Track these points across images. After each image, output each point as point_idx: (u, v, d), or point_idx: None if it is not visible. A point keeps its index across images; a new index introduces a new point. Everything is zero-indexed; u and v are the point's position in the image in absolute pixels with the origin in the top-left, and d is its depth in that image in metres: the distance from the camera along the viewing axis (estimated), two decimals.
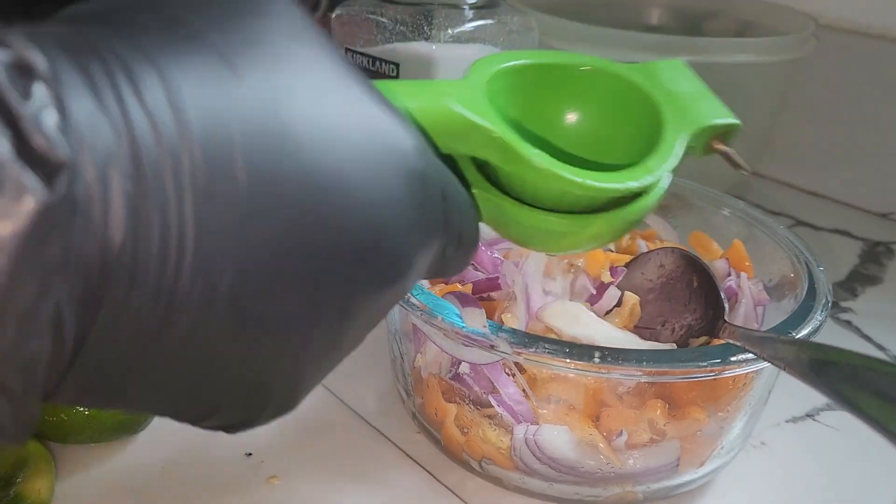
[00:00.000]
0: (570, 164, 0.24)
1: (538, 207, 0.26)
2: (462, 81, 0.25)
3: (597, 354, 0.29)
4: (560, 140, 0.28)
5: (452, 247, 0.22)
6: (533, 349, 0.30)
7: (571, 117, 0.29)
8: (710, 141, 0.29)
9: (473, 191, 0.26)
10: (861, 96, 0.66)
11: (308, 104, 0.17)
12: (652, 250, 0.40)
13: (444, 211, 0.21)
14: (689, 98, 0.28)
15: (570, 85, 0.28)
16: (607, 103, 0.28)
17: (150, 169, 0.15)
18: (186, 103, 0.15)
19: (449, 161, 0.24)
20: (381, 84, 0.22)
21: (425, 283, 0.39)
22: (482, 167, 0.26)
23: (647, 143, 0.27)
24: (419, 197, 0.19)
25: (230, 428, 0.20)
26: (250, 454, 0.35)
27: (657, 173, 0.26)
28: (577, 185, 0.24)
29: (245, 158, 0.16)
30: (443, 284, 0.38)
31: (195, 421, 0.19)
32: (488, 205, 0.26)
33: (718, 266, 0.41)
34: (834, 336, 0.49)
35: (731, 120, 0.28)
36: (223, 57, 0.16)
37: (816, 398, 0.43)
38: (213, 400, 0.18)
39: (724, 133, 0.29)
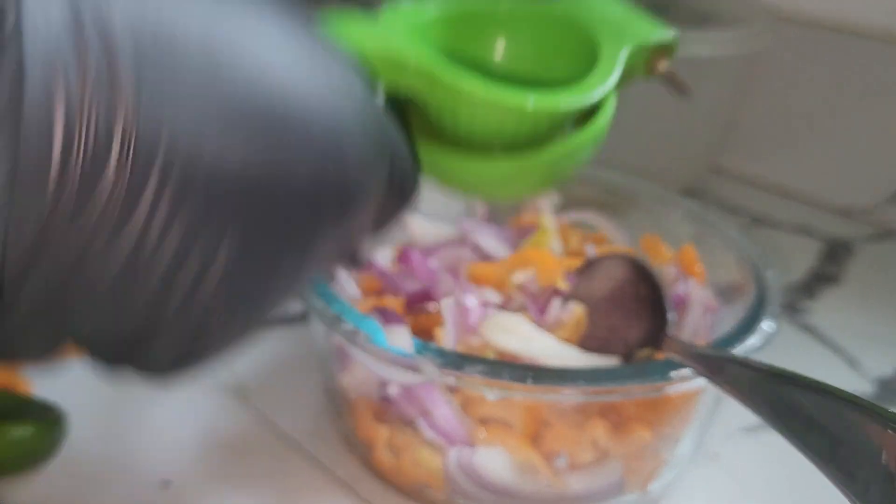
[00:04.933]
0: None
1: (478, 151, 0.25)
2: (391, 15, 0.25)
3: (530, 375, 0.27)
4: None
5: (394, 196, 0.21)
6: (462, 370, 0.27)
7: (502, 59, 0.29)
8: (651, 61, 0.28)
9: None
10: (820, 89, 0.65)
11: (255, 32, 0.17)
12: (601, 256, 0.38)
13: (388, 151, 0.20)
14: (622, 20, 0.28)
15: (495, 29, 0.28)
16: (537, 41, 0.28)
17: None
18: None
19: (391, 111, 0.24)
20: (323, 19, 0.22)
21: (355, 291, 0.37)
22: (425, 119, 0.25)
23: (586, 71, 0.26)
24: (371, 132, 0.19)
25: (157, 369, 0.19)
26: (168, 482, 0.33)
27: (602, 88, 0.25)
28: (514, 106, 0.23)
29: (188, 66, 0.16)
30: (375, 297, 0.36)
31: (118, 353, 0.18)
32: (430, 156, 0.25)
33: (668, 271, 0.39)
34: (791, 339, 0.48)
35: (669, 35, 0.27)
36: None
37: None
38: (152, 324, 0.17)
39: (664, 52, 0.28)
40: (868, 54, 0.61)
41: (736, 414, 0.39)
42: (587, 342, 0.35)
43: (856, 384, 0.44)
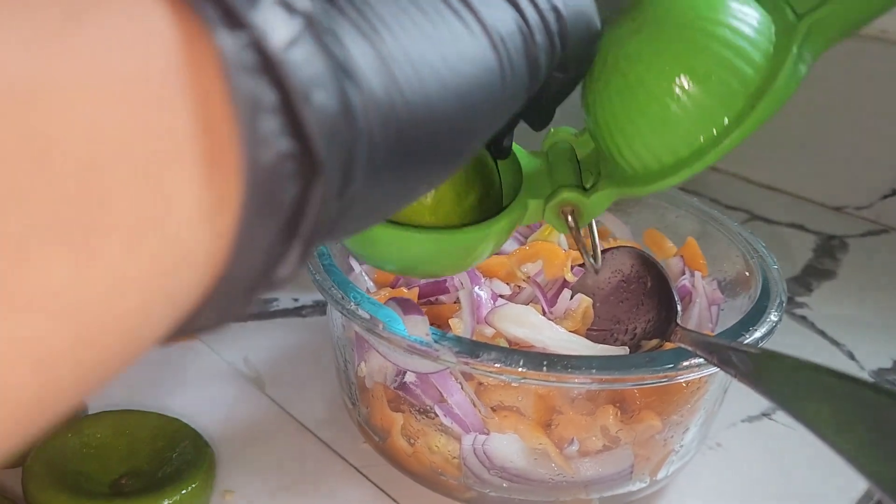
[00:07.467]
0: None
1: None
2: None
3: (544, 362, 0.28)
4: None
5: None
6: (478, 358, 0.28)
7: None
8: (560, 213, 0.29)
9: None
10: (815, 91, 0.66)
11: None
12: (606, 249, 0.39)
13: None
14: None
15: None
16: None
17: None
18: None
19: None
20: None
21: (369, 284, 0.37)
22: None
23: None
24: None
25: None
26: None
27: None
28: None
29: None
30: (389, 289, 0.37)
31: None
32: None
33: (673, 264, 0.40)
34: (789, 332, 0.49)
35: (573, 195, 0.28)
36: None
37: None
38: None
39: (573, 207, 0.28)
40: (863, 55, 0.62)
41: (738, 405, 0.40)
42: (594, 333, 0.36)
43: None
